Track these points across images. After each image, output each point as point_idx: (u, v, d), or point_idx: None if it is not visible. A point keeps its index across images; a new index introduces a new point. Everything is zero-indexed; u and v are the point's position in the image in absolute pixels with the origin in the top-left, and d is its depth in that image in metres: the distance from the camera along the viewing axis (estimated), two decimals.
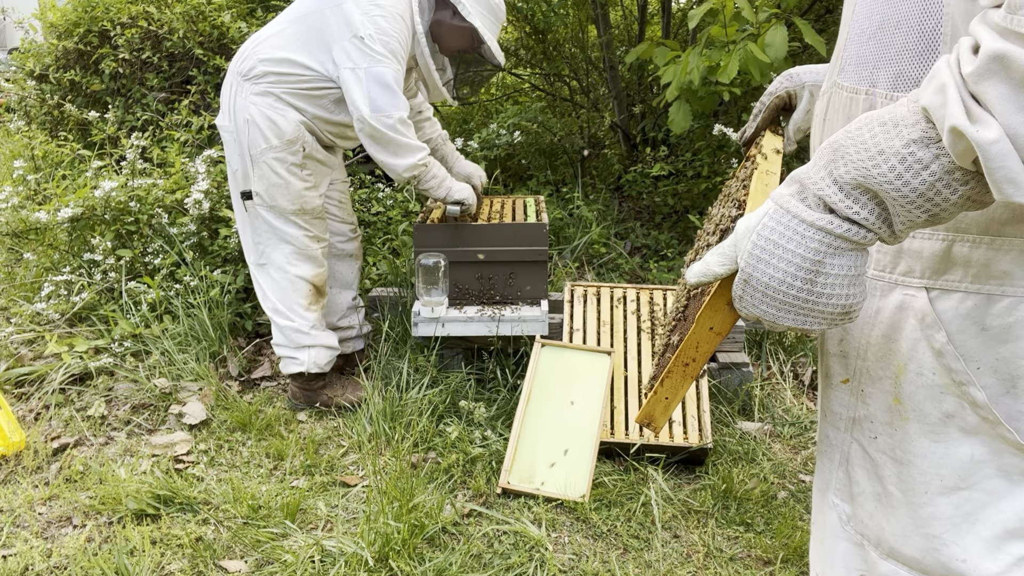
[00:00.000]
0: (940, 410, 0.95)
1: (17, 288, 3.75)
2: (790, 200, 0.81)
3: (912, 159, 0.74)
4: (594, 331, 2.74)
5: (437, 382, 2.83)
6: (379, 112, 2.50)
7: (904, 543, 1.02)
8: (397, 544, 2.04)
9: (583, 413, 2.47)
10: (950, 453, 0.95)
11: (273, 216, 2.69)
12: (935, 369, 0.93)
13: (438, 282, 2.78)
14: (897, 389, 0.99)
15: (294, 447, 2.59)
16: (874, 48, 0.94)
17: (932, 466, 0.97)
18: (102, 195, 3.40)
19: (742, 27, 3.21)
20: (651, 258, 4.15)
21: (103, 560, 2.05)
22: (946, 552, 0.98)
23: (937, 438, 0.96)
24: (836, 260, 0.80)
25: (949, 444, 0.95)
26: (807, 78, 1.29)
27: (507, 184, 4.81)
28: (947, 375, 0.93)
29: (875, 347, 1.00)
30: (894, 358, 0.98)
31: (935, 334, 0.92)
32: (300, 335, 2.76)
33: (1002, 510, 0.95)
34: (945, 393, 0.94)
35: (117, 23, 4.51)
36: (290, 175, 2.65)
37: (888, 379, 0.99)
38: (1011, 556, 0.95)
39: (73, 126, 4.76)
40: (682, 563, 2.09)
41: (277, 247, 2.73)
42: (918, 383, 0.96)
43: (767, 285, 0.81)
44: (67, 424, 2.75)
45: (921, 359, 0.95)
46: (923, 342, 0.94)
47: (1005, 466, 0.93)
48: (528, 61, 6.13)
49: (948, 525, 0.98)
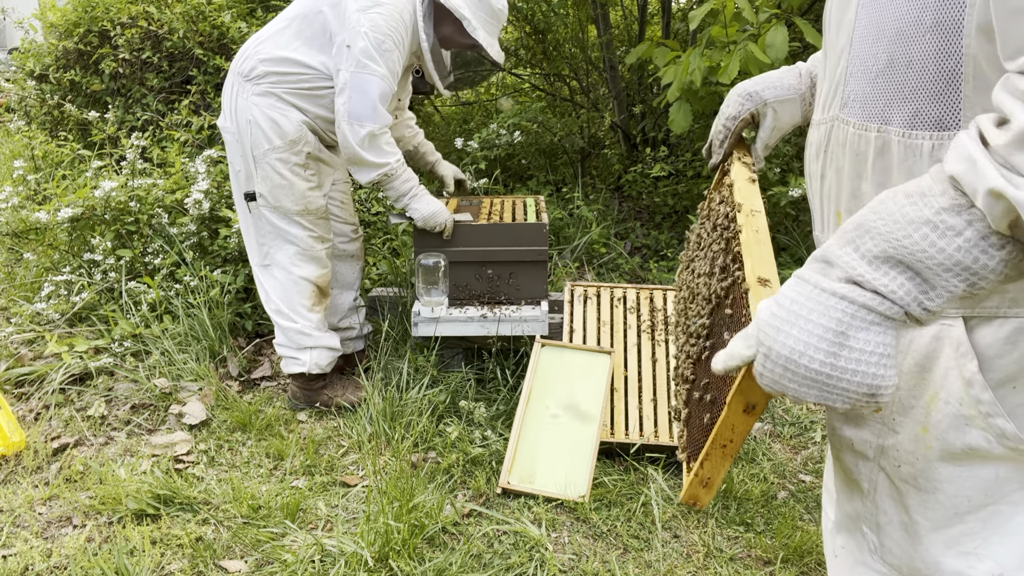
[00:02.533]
0: (963, 441, 0.94)
1: (17, 288, 3.75)
2: (812, 275, 0.80)
3: (944, 226, 0.73)
4: (594, 331, 2.74)
5: (437, 382, 2.83)
6: (354, 120, 2.51)
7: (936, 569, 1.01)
8: (397, 544, 2.04)
9: (583, 413, 2.47)
10: (974, 475, 0.95)
11: (277, 217, 2.69)
12: (962, 399, 0.92)
13: (438, 282, 2.78)
14: (926, 418, 0.97)
15: (294, 447, 2.59)
16: (883, 86, 0.92)
17: (959, 489, 0.97)
18: (102, 195, 3.40)
19: (742, 27, 3.21)
20: (651, 258, 4.14)
21: (103, 560, 2.05)
22: (981, 568, 0.98)
23: (961, 465, 0.96)
24: (863, 334, 0.76)
25: (973, 467, 0.95)
26: (768, 95, 1.27)
27: (507, 184, 4.81)
28: (974, 406, 0.92)
29: (908, 376, 0.98)
30: (927, 387, 0.96)
31: (967, 363, 0.91)
32: (303, 336, 2.76)
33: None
34: (970, 425, 0.93)
35: (117, 23, 4.51)
36: (293, 175, 2.64)
37: (919, 408, 0.98)
38: None
39: (73, 126, 4.76)
40: (682, 563, 2.09)
41: (281, 248, 2.73)
42: (945, 411, 0.94)
43: (787, 358, 0.78)
44: (67, 424, 2.75)
45: (951, 388, 0.93)
46: (955, 371, 0.93)
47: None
48: (528, 61, 6.13)
49: (979, 541, 0.97)
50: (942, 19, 0.84)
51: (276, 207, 2.68)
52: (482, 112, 6.21)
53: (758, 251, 1.06)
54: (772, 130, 1.25)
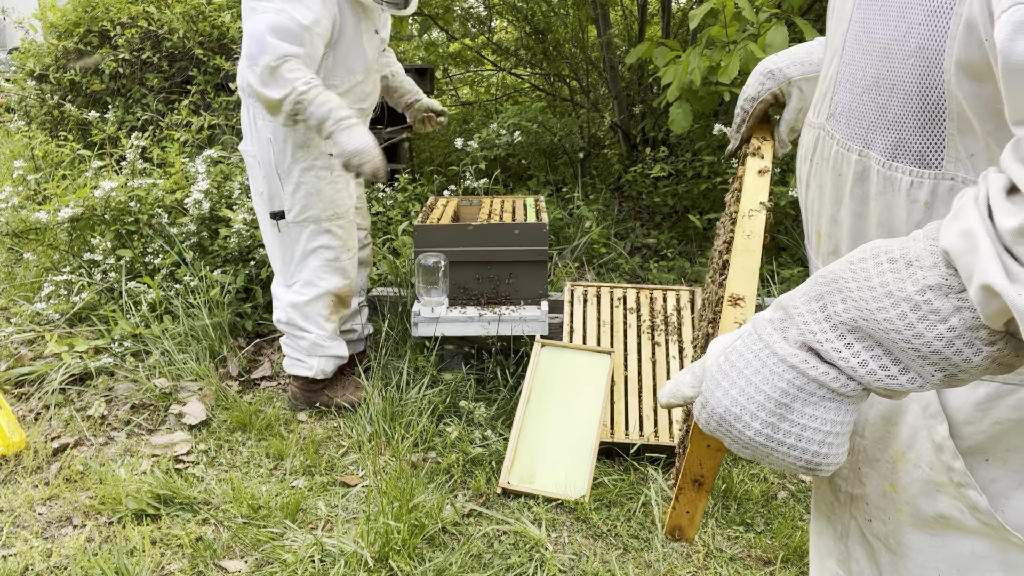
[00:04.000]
0: (934, 509, 0.87)
1: (17, 288, 3.75)
2: (767, 327, 0.71)
3: (927, 308, 0.64)
4: (594, 331, 2.74)
5: (437, 382, 2.83)
6: (249, 62, 2.39)
7: None
8: (397, 544, 2.04)
9: (583, 413, 2.47)
10: (948, 547, 0.88)
11: (306, 231, 2.64)
12: (932, 464, 0.85)
13: (438, 282, 2.78)
14: (894, 476, 0.90)
15: (294, 447, 2.59)
16: (868, 105, 0.84)
17: (928, 560, 0.89)
18: (102, 195, 3.40)
19: (743, 27, 3.21)
20: (651, 258, 4.15)
21: (103, 560, 2.05)
22: None
23: (933, 534, 0.88)
24: (808, 409, 0.69)
25: (946, 539, 0.87)
26: (792, 72, 1.15)
27: (507, 184, 4.81)
28: (945, 473, 0.84)
29: (873, 427, 0.91)
30: (893, 443, 0.90)
31: (937, 426, 0.84)
32: (315, 346, 2.76)
33: None
34: (941, 492, 0.86)
35: (117, 23, 4.51)
36: (320, 180, 2.60)
37: (886, 463, 0.91)
38: None
39: (73, 126, 4.77)
40: (682, 563, 2.09)
41: (308, 264, 2.69)
42: (915, 475, 0.87)
43: (722, 416, 0.71)
44: (67, 424, 2.75)
45: (920, 450, 0.86)
46: (924, 432, 0.85)
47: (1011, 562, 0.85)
48: (528, 61, 6.13)
49: None
50: (925, 44, 0.74)
51: (306, 218, 2.62)
52: (482, 112, 6.21)
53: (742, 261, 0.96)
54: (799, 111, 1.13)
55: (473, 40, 6.04)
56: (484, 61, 6.46)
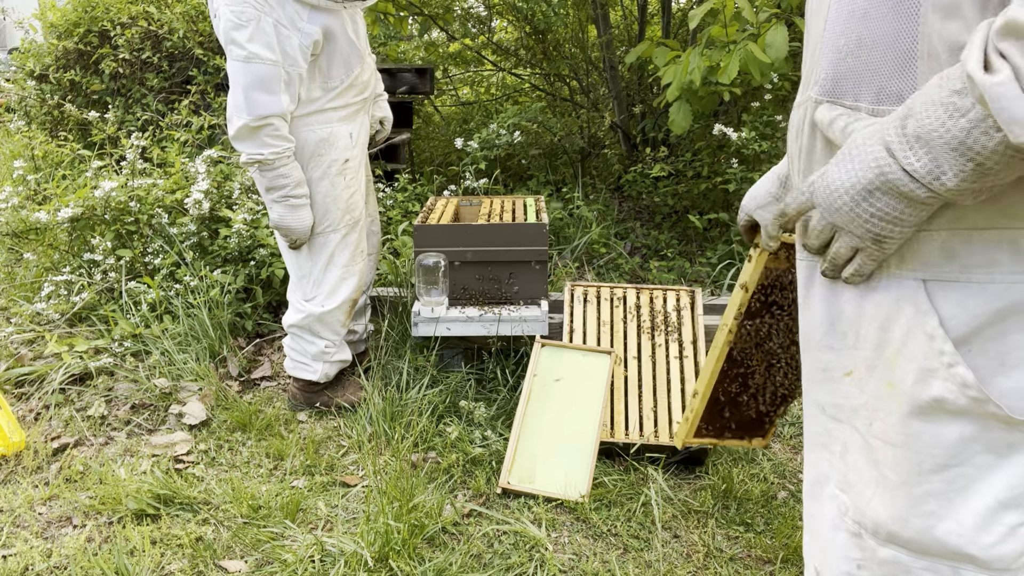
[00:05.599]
0: (929, 394, 1.00)
1: (17, 288, 3.75)
2: (875, 134, 0.92)
3: (953, 107, 0.81)
4: (594, 331, 2.74)
5: (437, 382, 2.83)
6: (231, 116, 2.38)
7: (903, 526, 1.06)
8: (397, 544, 2.04)
9: (583, 413, 2.47)
10: (940, 433, 1.00)
11: (327, 240, 2.62)
12: (926, 353, 0.99)
13: (438, 282, 2.78)
14: (891, 374, 1.04)
15: (294, 447, 2.59)
16: (853, 64, 0.99)
17: (924, 446, 1.02)
18: (102, 195, 3.40)
19: (742, 27, 3.21)
20: (651, 258, 4.15)
21: (103, 560, 2.05)
22: (942, 528, 1.03)
23: (927, 419, 1.01)
24: (884, 198, 0.91)
25: (939, 425, 1.00)
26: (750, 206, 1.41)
27: (507, 184, 4.81)
28: (937, 358, 0.98)
29: (872, 337, 1.05)
30: (889, 345, 1.03)
31: (929, 319, 0.98)
32: (324, 353, 2.75)
33: (992, 483, 0.99)
34: (934, 376, 0.99)
35: (117, 23, 4.51)
36: (335, 188, 2.58)
37: (884, 367, 1.04)
38: (1004, 526, 1.00)
39: (73, 126, 4.77)
40: (682, 563, 2.09)
41: (330, 274, 2.67)
42: (910, 367, 1.01)
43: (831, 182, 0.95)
44: (67, 424, 2.75)
45: (914, 344, 1.00)
46: (917, 327, 0.99)
47: (993, 442, 0.98)
48: (528, 61, 6.13)
49: (942, 502, 1.02)
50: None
51: (325, 228, 2.60)
52: (482, 112, 6.21)
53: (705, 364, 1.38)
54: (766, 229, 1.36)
55: (473, 40, 6.04)
56: (484, 61, 6.46)
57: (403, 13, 5.05)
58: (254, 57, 2.30)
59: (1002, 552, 1.00)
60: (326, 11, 2.41)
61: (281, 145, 2.42)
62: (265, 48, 2.31)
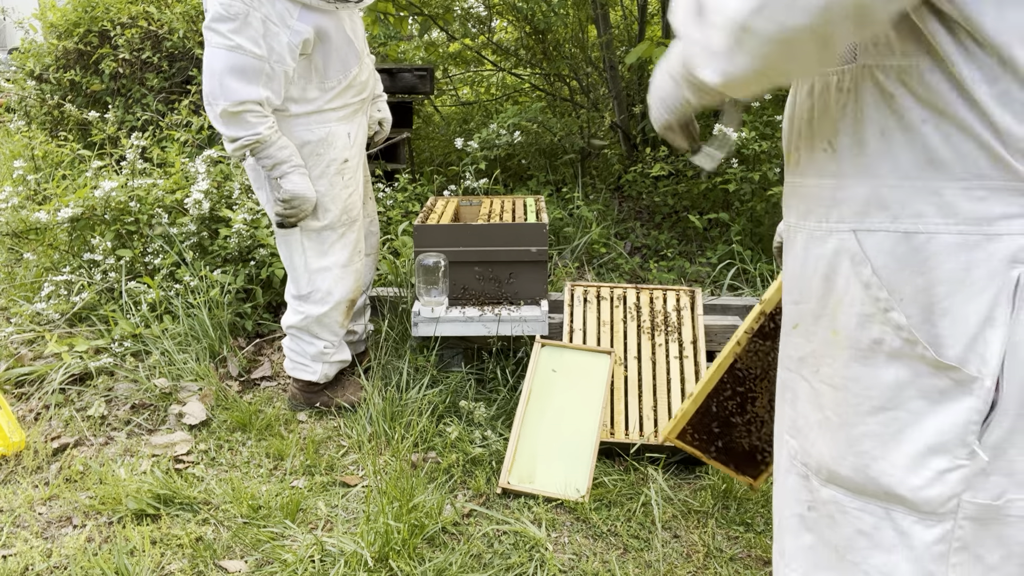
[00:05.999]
0: (869, 337, 1.07)
1: (17, 288, 3.75)
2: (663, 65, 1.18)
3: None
4: (594, 331, 2.74)
5: (437, 382, 2.83)
6: (208, 100, 2.35)
7: (840, 463, 1.14)
8: (397, 544, 2.04)
9: (583, 413, 2.47)
10: (878, 376, 1.07)
11: (324, 239, 2.61)
12: (864, 300, 1.06)
13: (438, 282, 2.78)
14: (835, 322, 1.11)
15: (294, 447, 2.59)
16: None
17: (863, 388, 1.09)
18: (102, 195, 3.40)
19: None
20: (651, 258, 4.15)
21: (103, 560, 2.05)
22: (875, 468, 1.09)
23: (867, 362, 1.08)
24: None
25: (877, 368, 1.07)
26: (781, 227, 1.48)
27: (507, 184, 4.81)
28: (874, 304, 1.05)
29: (816, 289, 1.14)
30: (832, 295, 1.11)
31: (863, 269, 1.05)
32: (323, 354, 2.74)
33: (924, 428, 1.05)
34: (872, 320, 1.06)
35: (117, 23, 4.51)
36: (333, 187, 2.56)
37: (827, 316, 1.13)
38: (932, 471, 1.05)
39: (73, 126, 4.77)
40: (682, 563, 2.09)
41: (328, 273, 2.65)
42: (850, 312, 1.08)
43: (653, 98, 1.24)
44: (67, 424, 2.75)
45: (853, 292, 1.08)
46: (854, 277, 1.07)
47: (925, 387, 1.04)
48: (528, 61, 6.13)
49: (876, 442, 1.09)
50: None
51: (324, 227, 2.59)
52: (482, 112, 6.21)
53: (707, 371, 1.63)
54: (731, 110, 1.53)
55: (473, 40, 6.04)
56: (484, 61, 6.46)
57: (403, 13, 5.05)
58: (238, 48, 2.29)
59: (929, 495, 1.05)
60: (319, 11, 2.40)
61: (269, 119, 2.39)
62: (250, 42, 2.30)
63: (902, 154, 1.01)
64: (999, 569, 1.08)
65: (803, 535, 1.25)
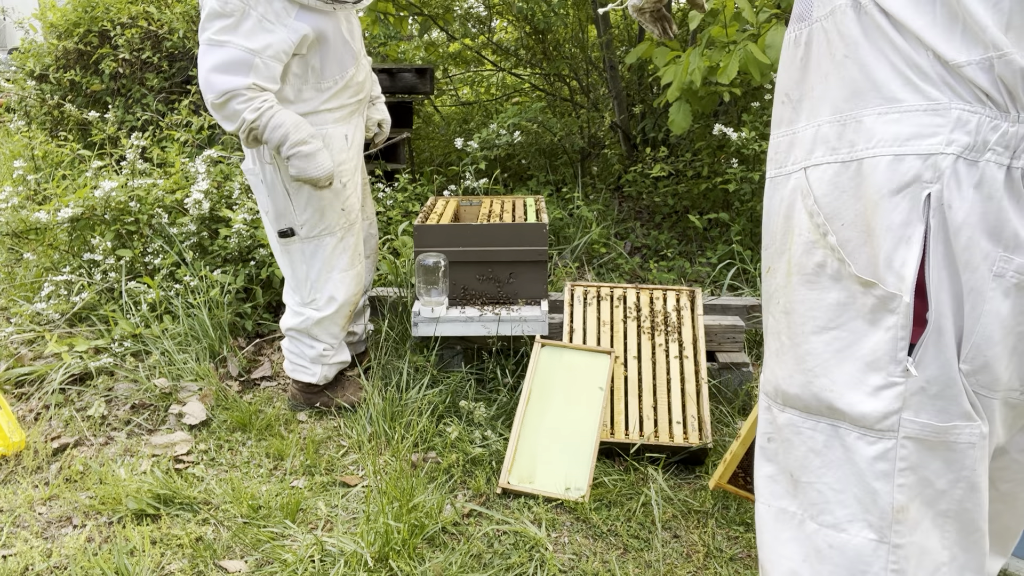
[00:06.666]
0: (813, 261, 1.15)
1: (17, 288, 3.75)
2: None
3: None
4: (594, 331, 2.74)
5: (437, 382, 2.83)
6: (204, 91, 2.34)
7: (790, 384, 1.21)
8: (397, 544, 2.05)
9: (583, 413, 2.47)
10: (822, 298, 1.15)
11: (323, 243, 2.59)
12: (809, 228, 1.14)
13: (438, 282, 2.78)
14: (790, 253, 1.20)
15: (294, 447, 2.59)
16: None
17: (808, 309, 1.17)
18: (102, 195, 3.40)
19: (742, 27, 3.21)
20: (651, 258, 4.15)
21: (103, 560, 2.05)
22: (818, 384, 1.16)
23: (812, 287, 1.16)
24: None
25: (822, 291, 1.15)
26: None
27: (507, 184, 4.81)
28: (816, 230, 1.13)
29: (779, 229, 1.23)
30: (791, 232, 1.19)
31: (807, 200, 1.14)
32: (323, 356, 2.74)
33: (862, 347, 1.11)
34: (815, 246, 1.14)
35: (117, 23, 4.51)
36: (331, 192, 2.55)
37: (787, 252, 1.21)
38: (869, 386, 1.11)
39: (73, 126, 4.77)
40: (682, 563, 2.09)
41: (329, 278, 2.64)
42: (799, 242, 1.16)
43: None
44: (67, 424, 2.75)
45: (801, 223, 1.16)
46: (802, 209, 1.15)
47: (860, 307, 1.10)
48: (528, 61, 6.13)
49: (820, 360, 1.16)
50: None
51: (321, 231, 2.57)
52: (482, 112, 6.21)
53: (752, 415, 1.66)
54: None
55: (473, 40, 6.04)
56: (484, 61, 6.46)
57: (403, 13, 5.05)
58: (227, 43, 2.28)
59: (866, 410, 1.11)
60: (317, 11, 2.40)
61: (255, 101, 2.33)
62: (243, 38, 2.29)
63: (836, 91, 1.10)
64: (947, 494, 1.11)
65: (764, 465, 1.32)
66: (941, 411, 1.07)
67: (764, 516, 1.33)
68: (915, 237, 1.03)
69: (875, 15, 1.04)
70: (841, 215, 1.10)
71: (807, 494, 1.20)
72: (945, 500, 1.10)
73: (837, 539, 1.16)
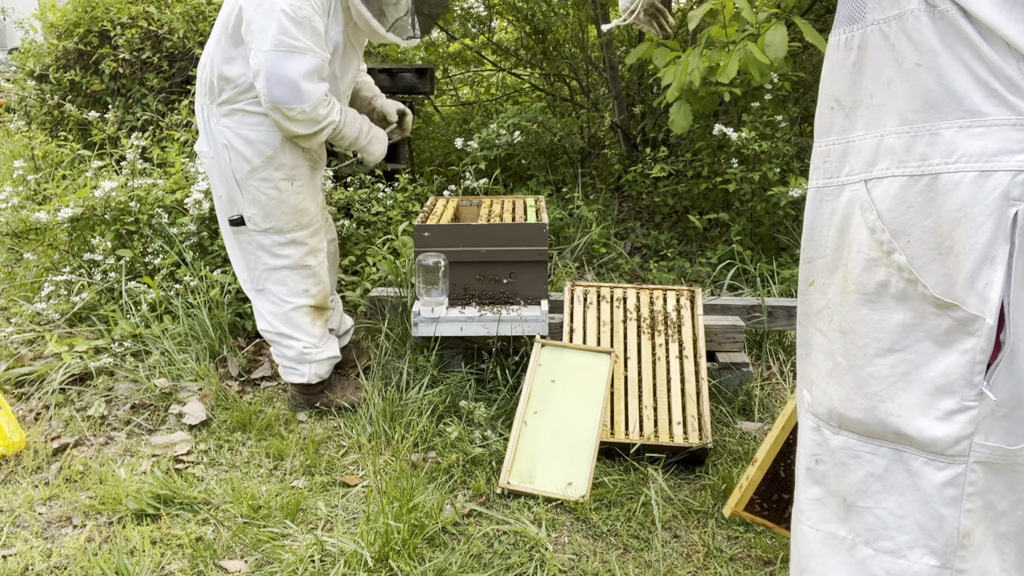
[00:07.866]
0: (875, 280, 1.10)
1: (17, 288, 3.75)
2: None
3: None
4: (594, 331, 2.74)
5: (437, 382, 2.83)
6: (281, 106, 2.36)
7: (849, 407, 1.16)
8: (397, 544, 2.05)
9: (583, 413, 2.47)
10: (885, 319, 1.10)
11: (269, 239, 2.58)
12: (870, 245, 1.09)
13: (438, 282, 2.78)
14: (846, 270, 1.15)
15: (294, 447, 2.59)
16: None
17: (870, 331, 1.12)
18: (102, 195, 3.40)
19: (742, 27, 3.21)
20: (651, 258, 4.15)
21: (103, 560, 2.05)
22: (883, 408, 1.11)
23: (874, 307, 1.11)
24: None
25: (885, 311, 1.10)
26: None
27: (507, 184, 4.81)
28: (879, 248, 1.08)
29: (832, 243, 1.17)
30: (845, 247, 1.14)
31: (868, 214, 1.09)
32: (304, 354, 2.72)
33: (931, 370, 1.06)
34: (877, 264, 1.09)
35: (117, 23, 4.51)
36: (280, 192, 2.53)
37: (841, 267, 1.16)
38: (940, 411, 1.06)
39: (73, 126, 4.77)
40: (682, 563, 2.09)
41: (274, 273, 2.63)
42: (857, 259, 1.11)
43: None
44: (67, 424, 2.75)
45: (860, 238, 1.11)
46: (862, 224, 1.10)
47: (931, 328, 1.06)
48: (528, 61, 6.13)
49: (885, 384, 1.11)
50: None
51: (268, 228, 2.57)
52: (482, 112, 6.21)
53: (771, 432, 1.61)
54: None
55: (473, 40, 6.04)
56: (484, 61, 6.46)
57: None
58: (309, 50, 2.35)
59: (937, 435, 1.07)
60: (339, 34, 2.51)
61: (332, 104, 2.48)
62: (318, 46, 2.38)
63: (904, 101, 1.03)
64: (1008, 515, 1.08)
65: (811, 488, 1.26)
66: (1009, 433, 1.04)
67: (811, 540, 1.26)
68: (1000, 257, 0.98)
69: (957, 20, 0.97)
70: (908, 231, 1.04)
71: (863, 519, 1.15)
72: (1005, 521, 1.08)
73: (896, 565, 1.11)
